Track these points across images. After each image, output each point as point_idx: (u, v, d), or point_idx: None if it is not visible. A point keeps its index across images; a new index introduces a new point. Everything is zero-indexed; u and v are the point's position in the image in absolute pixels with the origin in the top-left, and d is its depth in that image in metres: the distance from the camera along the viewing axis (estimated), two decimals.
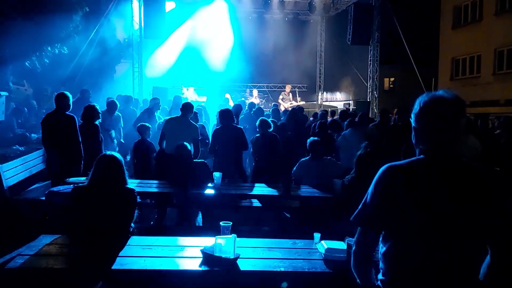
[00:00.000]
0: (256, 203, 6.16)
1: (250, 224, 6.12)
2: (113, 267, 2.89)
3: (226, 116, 6.90)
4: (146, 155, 6.89)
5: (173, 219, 6.28)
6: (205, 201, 5.65)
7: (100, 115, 6.68)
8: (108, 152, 3.63)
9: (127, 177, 3.61)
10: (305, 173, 6.17)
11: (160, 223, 6.17)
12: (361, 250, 2.05)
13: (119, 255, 3.08)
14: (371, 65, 17.83)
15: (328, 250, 3.21)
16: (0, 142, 10.42)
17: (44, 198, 5.14)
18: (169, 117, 7.42)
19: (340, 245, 3.28)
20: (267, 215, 6.30)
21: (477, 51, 19.53)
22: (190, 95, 15.58)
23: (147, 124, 7.15)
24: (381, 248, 2.00)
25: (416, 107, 1.93)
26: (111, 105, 8.56)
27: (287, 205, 6.12)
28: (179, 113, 9.83)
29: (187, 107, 6.88)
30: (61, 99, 6.08)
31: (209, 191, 5.53)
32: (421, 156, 1.91)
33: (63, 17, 13.14)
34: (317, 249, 3.38)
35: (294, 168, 6.17)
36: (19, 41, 12.33)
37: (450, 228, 1.80)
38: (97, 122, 6.69)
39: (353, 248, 2.08)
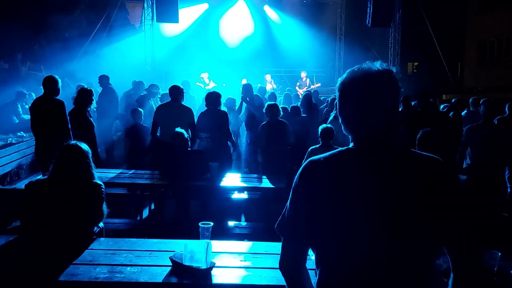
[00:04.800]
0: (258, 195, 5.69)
1: (248, 220, 5.67)
2: (61, 277, 2.45)
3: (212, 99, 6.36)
4: (139, 139, 6.51)
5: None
6: (200, 193, 5.20)
7: (94, 100, 6.24)
8: (72, 141, 3.17)
9: (94, 171, 3.16)
10: None
11: (157, 217, 5.77)
12: (288, 268, 1.64)
13: (74, 262, 2.64)
14: (392, 48, 17.04)
15: None
16: (5, 127, 10.16)
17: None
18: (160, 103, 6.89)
19: None
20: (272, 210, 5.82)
21: (506, 33, 18.51)
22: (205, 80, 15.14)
23: (139, 108, 6.74)
24: (316, 270, 1.59)
25: (337, 84, 1.59)
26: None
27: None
28: (189, 99, 9.45)
29: (177, 90, 6.32)
30: (49, 83, 5.64)
31: (205, 183, 5.08)
32: (351, 145, 1.56)
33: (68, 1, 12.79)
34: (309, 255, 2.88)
35: (306, 157, 5.70)
36: (25, 25, 12.02)
37: (391, 230, 1.41)
38: (93, 107, 6.29)
39: (279, 268, 1.65)
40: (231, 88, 13.69)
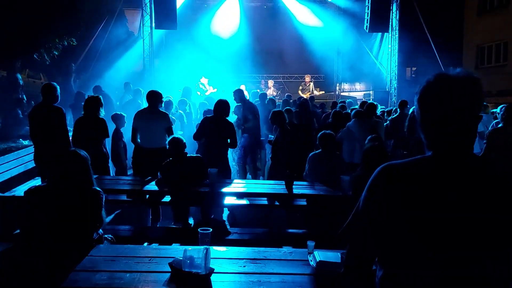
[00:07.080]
0: (260, 201, 5.69)
1: (249, 225, 5.66)
2: (61, 284, 2.45)
3: (222, 107, 6.29)
4: (115, 145, 6.67)
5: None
6: (200, 199, 5.19)
7: (102, 106, 6.24)
8: (72, 148, 3.18)
9: (93, 177, 3.16)
10: (315, 167, 5.70)
11: (155, 223, 5.77)
12: (353, 278, 1.59)
13: (74, 269, 2.64)
14: (390, 53, 17.11)
15: (320, 263, 2.71)
16: (6, 134, 10.18)
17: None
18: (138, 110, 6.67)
19: (336, 257, 2.77)
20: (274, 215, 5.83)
21: (503, 38, 18.58)
22: (205, 86, 15.19)
23: (121, 113, 6.99)
24: (378, 272, 1.54)
25: (418, 90, 1.53)
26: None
27: (293, 204, 5.64)
28: (185, 105, 9.42)
29: (153, 96, 6.23)
30: (48, 90, 5.67)
31: (204, 189, 5.07)
32: (428, 153, 1.49)
33: (68, 8, 12.77)
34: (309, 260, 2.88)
35: (307, 164, 5.69)
36: (26, 33, 12.02)
37: (466, 244, 1.37)
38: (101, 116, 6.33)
39: (342, 274, 1.61)
40: (230, 94, 13.70)
